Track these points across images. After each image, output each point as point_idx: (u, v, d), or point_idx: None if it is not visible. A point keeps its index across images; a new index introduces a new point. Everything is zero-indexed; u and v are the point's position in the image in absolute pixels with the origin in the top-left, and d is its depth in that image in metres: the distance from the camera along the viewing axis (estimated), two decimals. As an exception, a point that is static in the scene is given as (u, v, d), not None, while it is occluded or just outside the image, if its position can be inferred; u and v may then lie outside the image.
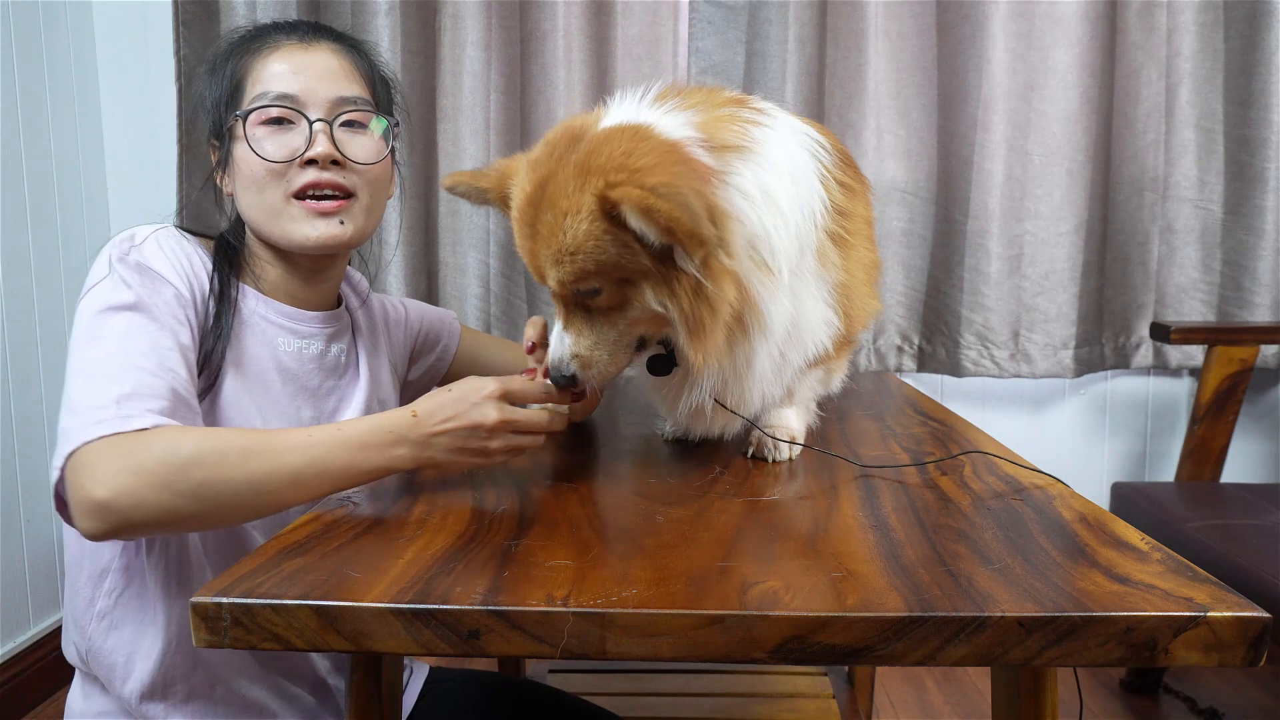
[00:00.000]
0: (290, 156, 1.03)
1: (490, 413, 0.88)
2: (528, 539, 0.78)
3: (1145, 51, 2.11)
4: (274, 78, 1.04)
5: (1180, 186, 2.16)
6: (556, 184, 0.87)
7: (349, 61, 1.08)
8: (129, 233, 1.01)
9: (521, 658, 1.52)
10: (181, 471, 0.81)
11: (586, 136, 0.89)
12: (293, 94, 1.04)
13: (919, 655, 0.64)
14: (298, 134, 1.03)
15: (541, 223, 0.88)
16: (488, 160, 2.14)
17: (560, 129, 0.93)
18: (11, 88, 1.93)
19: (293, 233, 1.04)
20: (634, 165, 0.83)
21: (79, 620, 1.01)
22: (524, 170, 0.92)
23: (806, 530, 0.80)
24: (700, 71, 2.16)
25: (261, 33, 1.09)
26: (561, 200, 0.86)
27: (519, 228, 0.91)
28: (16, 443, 1.93)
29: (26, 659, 1.94)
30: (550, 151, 0.90)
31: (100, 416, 0.84)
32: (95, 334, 0.92)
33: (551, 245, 0.87)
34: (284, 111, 1.03)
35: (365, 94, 1.08)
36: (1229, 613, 0.63)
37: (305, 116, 1.03)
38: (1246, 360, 1.97)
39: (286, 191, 1.03)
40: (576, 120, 0.94)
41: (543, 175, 0.88)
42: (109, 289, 0.94)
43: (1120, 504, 1.90)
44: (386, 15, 2.06)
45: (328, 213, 1.04)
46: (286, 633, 0.66)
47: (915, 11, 2.13)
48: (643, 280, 0.88)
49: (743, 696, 1.57)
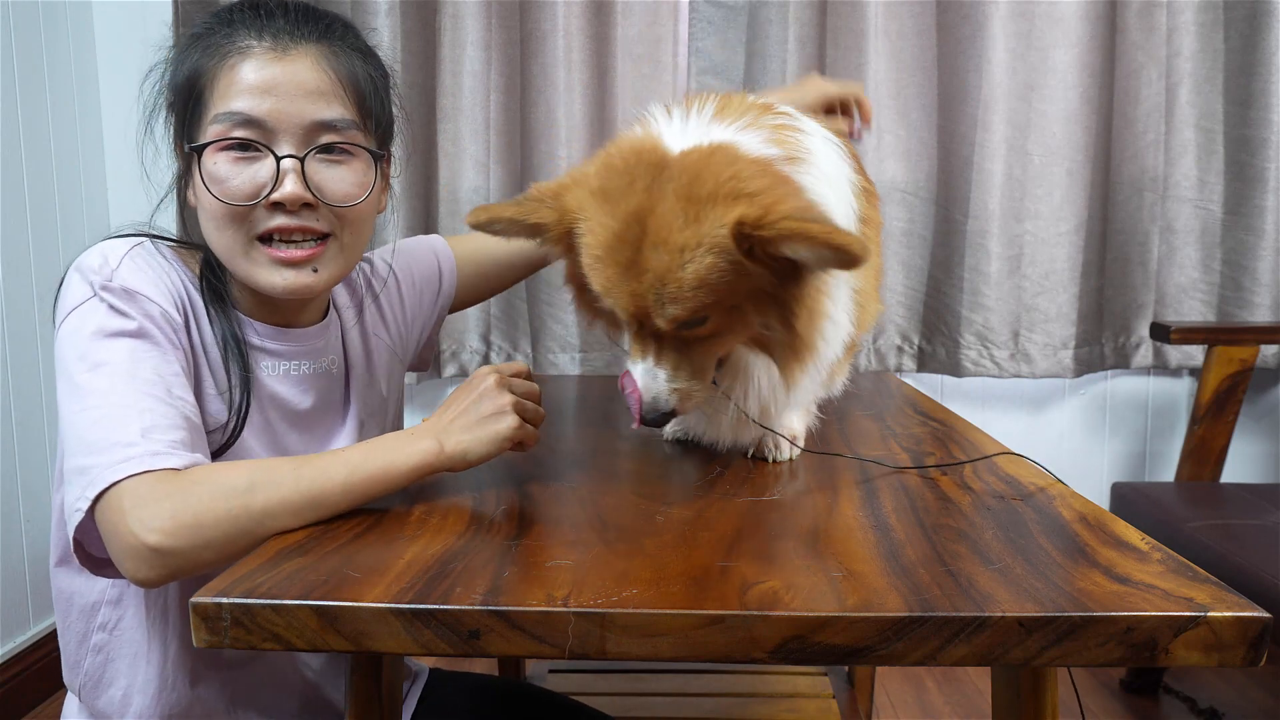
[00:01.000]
0: (253, 198, 0.91)
1: (488, 377, 0.90)
2: (528, 539, 0.78)
3: (1145, 51, 2.11)
4: (239, 94, 0.90)
5: (1180, 186, 2.16)
6: (660, 218, 0.81)
7: (333, 71, 0.93)
8: (99, 254, 0.92)
9: (522, 658, 1.52)
10: (243, 504, 0.79)
11: (673, 162, 0.84)
12: (259, 119, 0.90)
13: (919, 655, 0.64)
14: (264, 167, 0.91)
15: (648, 261, 0.82)
16: (488, 160, 2.14)
17: (627, 154, 0.87)
18: (11, 88, 1.93)
19: (257, 278, 0.94)
20: (750, 190, 0.80)
21: (73, 658, 0.99)
22: (597, 204, 0.85)
23: (806, 530, 0.80)
24: (700, 71, 2.16)
25: (230, 27, 0.93)
26: (674, 235, 0.81)
27: (608, 269, 0.85)
28: (16, 443, 1.93)
29: (26, 659, 1.94)
30: (629, 180, 0.84)
31: (127, 454, 0.80)
32: (97, 361, 0.86)
33: (667, 284, 0.82)
34: (247, 139, 0.90)
35: (350, 114, 0.94)
36: (1229, 613, 0.63)
37: (272, 151, 0.90)
38: (1246, 360, 1.97)
39: (250, 234, 0.92)
40: (639, 143, 0.88)
41: (633, 208, 0.83)
42: (100, 314, 0.88)
43: (1120, 504, 1.90)
44: (386, 15, 2.06)
45: (297, 261, 0.93)
46: (286, 633, 0.66)
47: (915, 11, 2.13)
48: (750, 304, 0.86)
49: (743, 696, 1.57)
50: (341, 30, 0.97)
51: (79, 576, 0.96)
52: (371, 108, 0.98)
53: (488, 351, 2.24)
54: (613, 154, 0.88)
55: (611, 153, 0.88)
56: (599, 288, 0.86)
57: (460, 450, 0.86)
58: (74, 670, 0.99)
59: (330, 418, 1.08)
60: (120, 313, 0.88)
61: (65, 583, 0.98)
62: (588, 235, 0.86)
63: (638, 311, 0.85)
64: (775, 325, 0.87)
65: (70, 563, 0.97)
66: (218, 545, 0.79)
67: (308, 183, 0.92)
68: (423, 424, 0.89)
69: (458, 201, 2.15)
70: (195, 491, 0.80)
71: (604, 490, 0.92)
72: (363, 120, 0.96)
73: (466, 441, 0.87)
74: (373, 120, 0.98)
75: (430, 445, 0.86)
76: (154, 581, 0.80)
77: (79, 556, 0.87)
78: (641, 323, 0.87)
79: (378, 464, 0.84)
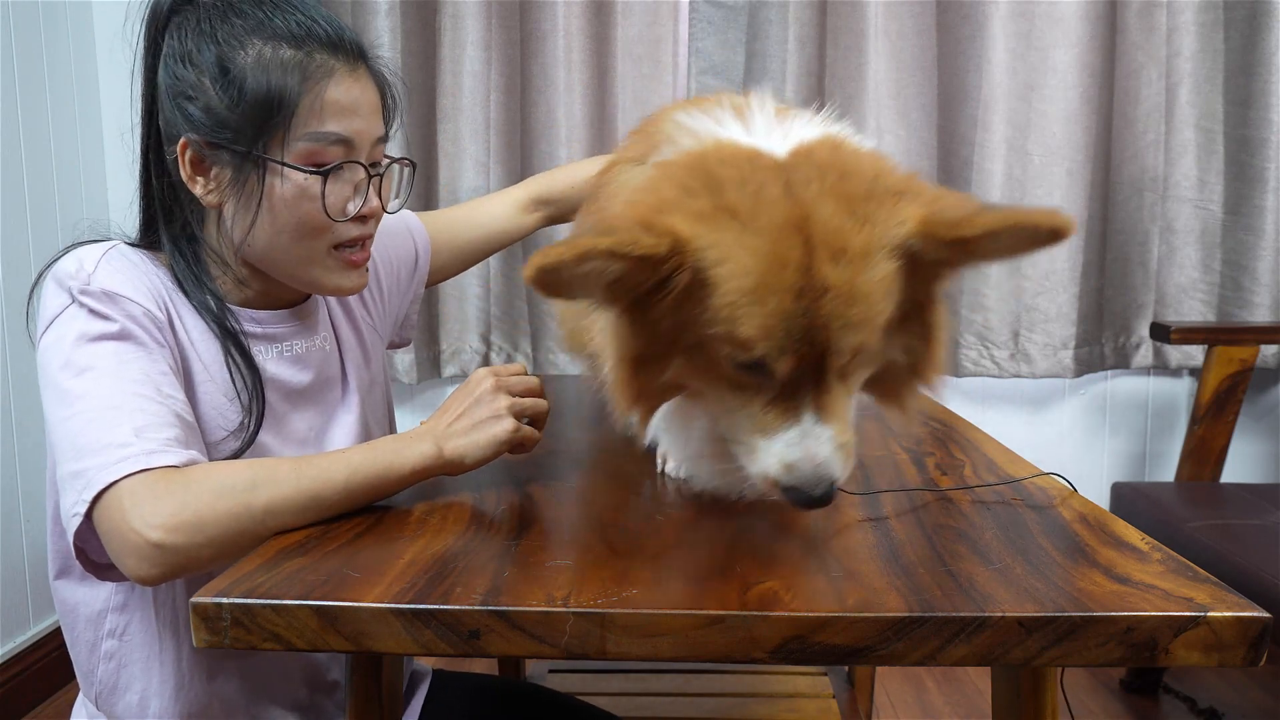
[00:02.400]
0: (344, 214, 0.95)
1: (485, 380, 0.90)
2: (528, 539, 0.78)
3: (1145, 51, 2.11)
4: (332, 115, 0.92)
5: (1180, 186, 2.16)
6: (825, 224, 0.66)
7: (380, 87, 0.99)
8: (74, 260, 0.91)
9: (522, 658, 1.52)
10: (244, 502, 0.79)
11: (795, 163, 0.71)
12: (349, 138, 0.94)
13: (919, 655, 0.64)
14: (347, 182, 0.95)
15: (827, 277, 0.66)
16: (488, 160, 2.14)
17: (730, 162, 0.71)
18: (11, 88, 1.93)
19: (323, 281, 0.98)
20: (902, 185, 0.70)
21: (86, 667, 0.98)
22: (726, 224, 0.67)
23: (806, 530, 0.80)
24: (700, 71, 2.16)
25: (305, 46, 0.92)
26: (852, 240, 0.66)
27: (772, 299, 0.66)
28: (16, 443, 1.93)
29: (26, 659, 1.94)
30: (756, 189, 0.68)
31: (123, 454, 0.80)
32: (83, 366, 0.86)
33: (855, 302, 0.67)
34: (340, 156, 0.94)
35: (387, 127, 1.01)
36: (1229, 613, 0.63)
37: (365, 167, 0.96)
38: (1246, 360, 1.97)
39: (330, 243, 0.96)
40: (731, 149, 0.74)
41: (784, 220, 0.67)
42: (82, 320, 0.88)
43: (1120, 504, 1.90)
44: (386, 15, 2.06)
45: (360, 263, 0.99)
46: (286, 633, 0.66)
47: (915, 11, 2.13)
48: (897, 323, 0.72)
49: (743, 696, 1.57)
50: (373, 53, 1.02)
51: (81, 586, 0.96)
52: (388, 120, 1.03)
53: (488, 351, 2.24)
54: (704, 166, 0.71)
55: (699, 167, 0.72)
56: (755, 330, 0.66)
57: (458, 455, 0.87)
58: (88, 680, 0.99)
59: (330, 393, 1.08)
60: (101, 316, 0.88)
61: (68, 594, 0.98)
62: (728, 264, 0.66)
63: (809, 350, 0.67)
64: (917, 346, 0.75)
65: (71, 574, 0.97)
66: (219, 543, 0.79)
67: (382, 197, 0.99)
68: (421, 426, 0.89)
69: (457, 201, 2.15)
70: (196, 489, 0.80)
71: (604, 490, 0.92)
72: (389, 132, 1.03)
73: (463, 446, 0.87)
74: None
75: (429, 449, 0.86)
76: (155, 579, 0.80)
77: (81, 562, 0.87)
78: (800, 368, 0.68)
79: (378, 466, 0.84)
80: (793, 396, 0.69)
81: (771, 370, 0.68)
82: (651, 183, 0.73)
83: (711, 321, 0.68)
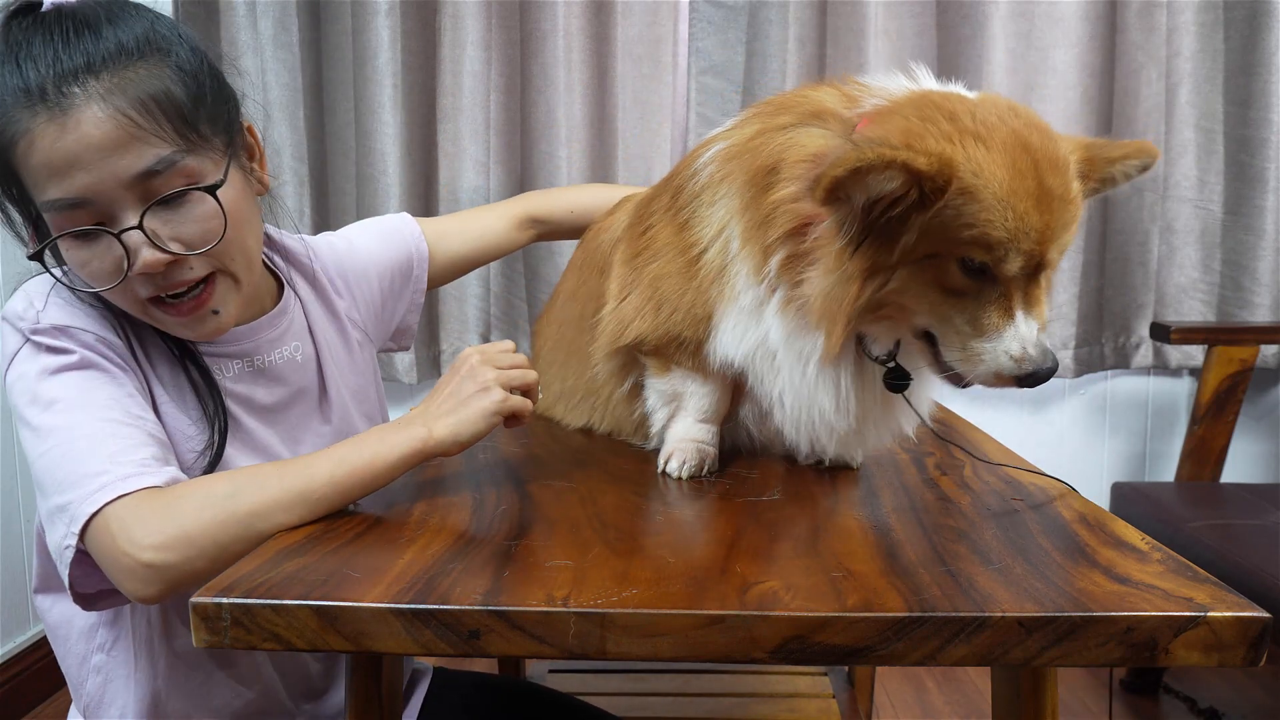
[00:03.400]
0: (117, 276, 0.85)
1: (470, 358, 0.89)
2: (528, 539, 0.78)
3: (1145, 51, 2.11)
4: (48, 179, 0.81)
5: (1180, 186, 2.16)
6: (1038, 146, 0.79)
7: (121, 110, 0.81)
8: (23, 298, 0.90)
9: (522, 658, 1.52)
10: (229, 509, 0.79)
11: (986, 104, 0.83)
12: (80, 199, 0.81)
13: (919, 655, 0.64)
14: (114, 243, 0.84)
15: (1052, 186, 0.79)
16: (488, 160, 2.14)
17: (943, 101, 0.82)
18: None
19: (175, 331, 0.92)
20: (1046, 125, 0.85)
21: (76, 679, 0.98)
22: (970, 143, 0.78)
23: (806, 530, 0.80)
24: (700, 71, 2.16)
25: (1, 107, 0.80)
26: (1058, 158, 0.80)
27: (1020, 203, 0.78)
28: (16, 443, 1.93)
29: (26, 659, 1.94)
30: (985, 119, 0.80)
31: (100, 482, 0.80)
32: (49, 400, 0.85)
33: (1069, 205, 0.81)
34: (86, 227, 0.83)
35: (167, 143, 0.83)
36: (1229, 613, 0.63)
37: (109, 232, 0.83)
38: (1246, 360, 1.97)
39: (137, 299, 0.88)
40: (943, 94, 0.84)
41: (1009, 138, 0.79)
42: (41, 357, 0.87)
43: (1120, 504, 1.90)
44: (386, 15, 2.06)
45: (192, 312, 0.89)
46: (286, 633, 0.66)
47: (915, 11, 2.13)
48: None
49: (743, 696, 1.57)
50: (110, 47, 0.82)
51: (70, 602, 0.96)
52: (187, 113, 0.85)
53: (488, 351, 2.24)
54: (932, 102, 0.82)
55: (927, 103, 0.82)
56: (1007, 231, 0.78)
57: (450, 433, 0.85)
58: (78, 692, 0.99)
59: (304, 405, 1.04)
60: (57, 350, 0.87)
61: (57, 608, 0.98)
62: (984, 176, 0.77)
63: (1036, 249, 0.80)
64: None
65: (51, 589, 0.97)
66: (211, 553, 0.79)
67: (162, 241, 0.84)
68: (410, 413, 0.88)
69: (458, 201, 2.15)
70: (180, 505, 0.80)
71: (604, 490, 0.92)
72: (184, 137, 0.85)
73: (453, 423, 0.85)
74: (199, 125, 0.86)
75: (417, 432, 0.85)
76: (156, 597, 0.81)
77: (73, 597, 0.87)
78: (1023, 268, 0.80)
79: (364, 456, 0.83)
80: (1008, 298, 0.81)
81: (999, 272, 0.80)
82: (887, 119, 0.82)
83: (968, 226, 0.78)
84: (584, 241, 1.23)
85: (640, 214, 1.03)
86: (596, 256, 1.12)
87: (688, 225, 0.94)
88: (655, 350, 1.00)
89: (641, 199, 1.07)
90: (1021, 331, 0.81)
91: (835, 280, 0.82)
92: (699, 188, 0.94)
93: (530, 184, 2.16)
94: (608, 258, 1.07)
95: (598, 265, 1.11)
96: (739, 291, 0.90)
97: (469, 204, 2.14)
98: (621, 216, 1.11)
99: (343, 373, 1.10)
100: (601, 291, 1.06)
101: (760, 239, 0.87)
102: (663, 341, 0.98)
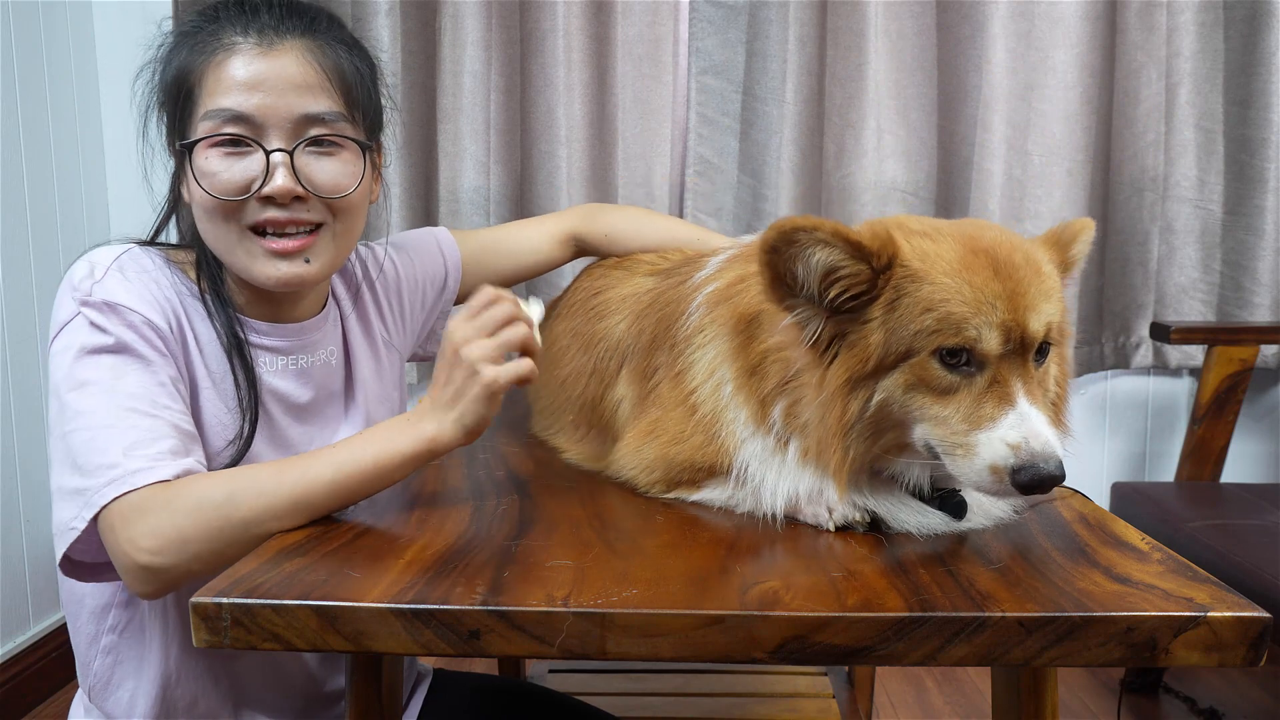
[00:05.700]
0: (243, 192, 0.91)
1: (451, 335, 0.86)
2: (528, 539, 0.78)
3: (1145, 51, 2.11)
4: (228, 91, 0.90)
5: (1180, 186, 2.16)
6: (993, 238, 0.79)
7: (319, 64, 0.94)
8: (87, 264, 0.92)
9: (522, 658, 1.52)
10: (223, 515, 0.80)
11: (944, 221, 0.84)
12: (248, 114, 0.90)
13: (919, 655, 0.64)
14: (254, 161, 0.91)
15: (1016, 259, 0.77)
16: (488, 160, 2.14)
17: (909, 221, 0.83)
18: (11, 88, 1.93)
19: (252, 270, 0.94)
20: None
21: (84, 658, 0.99)
22: (919, 239, 0.79)
23: (806, 530, 0.80)
24: (700, 71, 2.16)
25: (215, 24, 0.93)
26: (1016, 244, 0.79)
27: (974, 277, 0.75)
28: (16, 443, 1.93)
29: (26, 659, 1.94)
30: (938, 224, 0.81)
31: (110, 476, 0.82)
32: (80, 381, 0.87)
33: (1041, 278, 0.77)
34: (238, 135, 0.91)
35: (338, 106, 0.94)
36: (1229, 613, 0.63)
37: (261, 145, 0.91)
38: (1246, 360, 1.97)
39: (242, 225, 0.93)
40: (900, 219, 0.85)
41: (964, 236, 0.79)
42: (83, 332, 0.89)
43: (1120, 504, 1.90)
44: (386, 15, 2.06)
45: (290, 252, 0.93)
46: (286, 633, 0.66)
47: (915, 11, 2.13)
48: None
49: (743, 696, 1.57)
50: (326, 23, 0.98)
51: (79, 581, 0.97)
52: (359, 99, 0.98)
53: (488, 351, 2.24)
54: (879, 222, 0.82)
55: (880, 225, 0.81)
56: (967, 302, 0.74)
57: (456, 428, 0.84)
58: (85, 670, 1.00)
59: (331, 408, 1.07)
60: (100, 329, 0.89)
61: (68, 585, 0.98)
62: (932, 259, 0.77)
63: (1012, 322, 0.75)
64: (1053, 368, 0.83)
65: None
66: (205, 557, 0.80)
67: (298, 175, 0.92)
68: (419, 405, 0.87)
69: (458, 201, 2.15)
70: (175, 508, 0.81)
71: (604, 490, 0.92)
72: (350, 112, 0.96)
73: (455, 416, 0.84)
74: (360, 111, 0.98)
75: (424, 430, 0.84)
76: (153, 594, 0.83)
77: (64, 568, 0.88)
78: (1006, 347, 0.75)
79: (367, 459, 0.83)
80: (1002, 384, 0.75)
81: (981, 355, 0.75)
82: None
83: (927, 310, 0.75)
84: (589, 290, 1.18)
85: (643, 366, 0.99)
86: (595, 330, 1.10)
87: (683, 375, 0.92)
88: (675, 484, 0.93)
89: (643, 344, 1.01)
90: (1023, 419, 0.74)
91: (820, 405, 0.78)
92: (690, 331, 0.92)
93: (530, 184, 2.16)
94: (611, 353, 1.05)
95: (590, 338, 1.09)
96: (741, 440, 0.86)
97: (469, 204, 2.14)
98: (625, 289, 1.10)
99: (369, 379, 1.11)
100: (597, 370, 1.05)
101: (756, 388, 0.84)
102: (681, 477, 0.92)
